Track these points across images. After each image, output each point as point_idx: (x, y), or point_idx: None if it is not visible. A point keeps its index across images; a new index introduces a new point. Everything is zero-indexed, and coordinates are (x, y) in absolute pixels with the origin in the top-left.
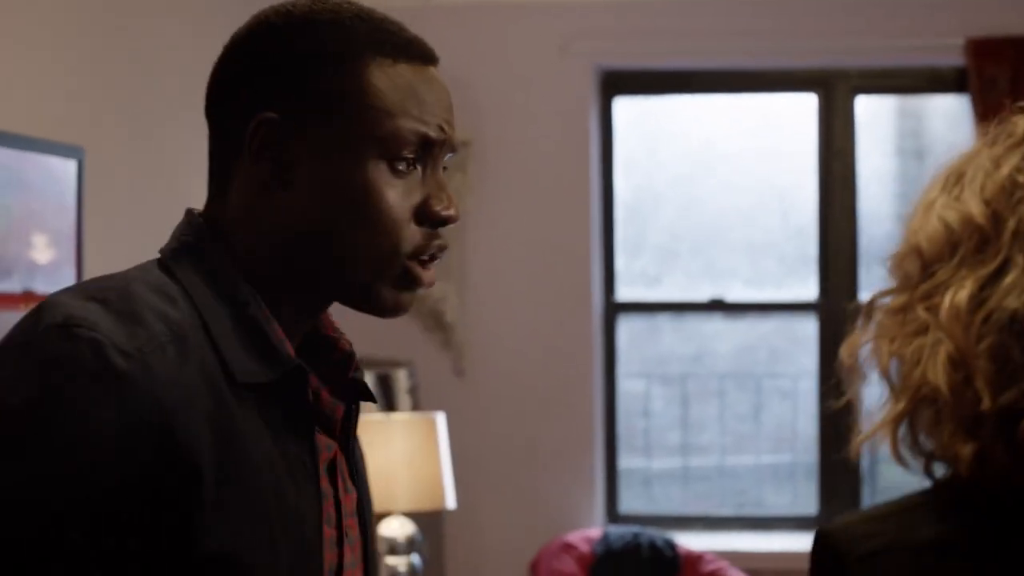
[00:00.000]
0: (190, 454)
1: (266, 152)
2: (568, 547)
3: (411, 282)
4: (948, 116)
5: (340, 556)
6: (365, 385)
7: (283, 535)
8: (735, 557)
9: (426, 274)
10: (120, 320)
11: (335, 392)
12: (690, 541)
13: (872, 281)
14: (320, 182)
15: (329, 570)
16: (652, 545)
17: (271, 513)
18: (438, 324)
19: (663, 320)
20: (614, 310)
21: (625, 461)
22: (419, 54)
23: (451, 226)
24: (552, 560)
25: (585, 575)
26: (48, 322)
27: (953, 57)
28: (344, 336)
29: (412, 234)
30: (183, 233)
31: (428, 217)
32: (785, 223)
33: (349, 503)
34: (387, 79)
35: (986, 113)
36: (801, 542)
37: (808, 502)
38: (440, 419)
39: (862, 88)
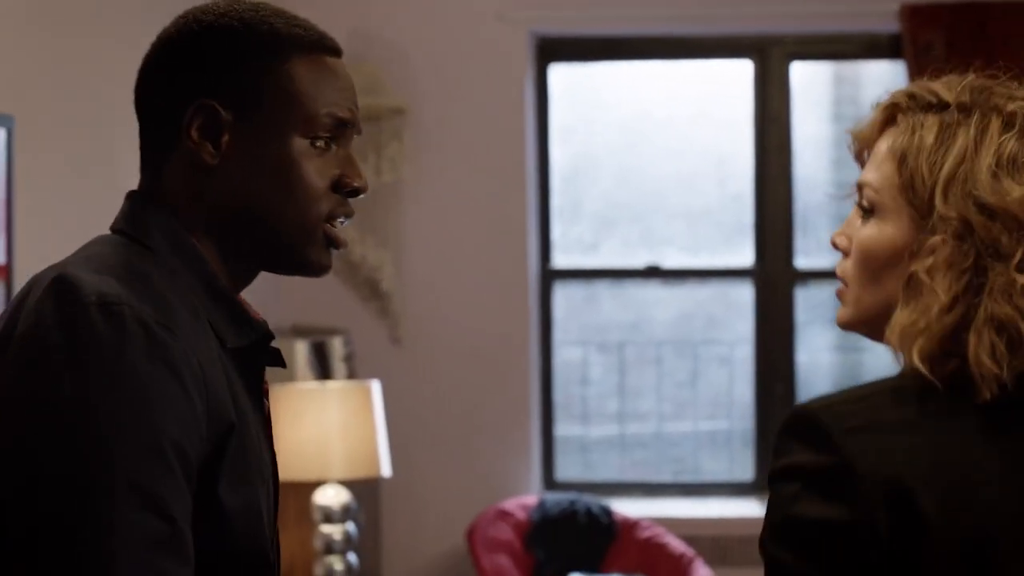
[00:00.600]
0: (226, 411)
1: (203, 135)
2: (504, 514)
3: (331, 243)
4: (883, 82)
5: (275, 502)
6: (279, 352)
7: (264, 483)
8: (672, 523)
9: (340, 236)
10: (142, 295)
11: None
12: (627, 508)
13: (808, 247)
14: (252, 159)
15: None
16: (588, 512)
17: (260, 464)
18: (374, 292)
19: (600, 288)
20: (550, 277)
21: (562, 429)
22: (330, 47)
23: (374, 196)
24: (488, 527)
25: (521, 542)
26: (82, 300)
27: (888, 23)
28: (251, 306)
29: (328, 202)
30: (147, 212)
31: (342, 188)
32: (721, 190)
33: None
34: (306, 69)
35: (921, 79)
36: (738, 508)
37: (744, 468)
38: (375, 387)
39: (798, 54)
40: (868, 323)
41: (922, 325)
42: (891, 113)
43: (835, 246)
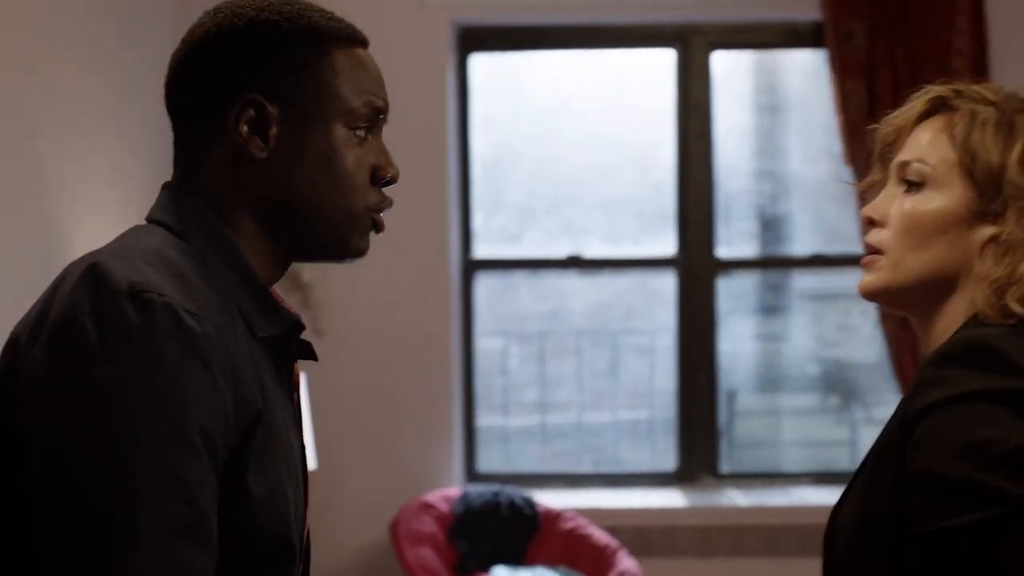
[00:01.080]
0: (253, 401)
1: (252, 129)
2: (427, 506)
3: (373, 228)
4: (805, 71)
5: (306, 490)
6: (311, 346)
7: (292, 472)
8: (595, 514)
9: (381, 220)
10: (175, 283)
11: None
12: (549, 499)
13: (730, 236)
14: (298, 151)
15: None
16: (511, 503)
17: (288, 452)
18: (295, 284)
19: (521, 278)
20: (472, 268)
21: (483, 419)
22: (361, 39)
23: None
24: (412, 520)
25: (445, 534)
26: (114, 288)
27: (810, 11)
28: (285, 300)
29: (370, 193)
30: (184, 203)
31: (379, 178)
32: (643, 179)
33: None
34: (346, 62)
35: (843, 67)
36: (660, 498)
37: (666, 458)
38: (300, 379)
39: (719, 43)
40: (903, 288)
41: (1019, 275)
42: (933, 105)
43: (870, 221)
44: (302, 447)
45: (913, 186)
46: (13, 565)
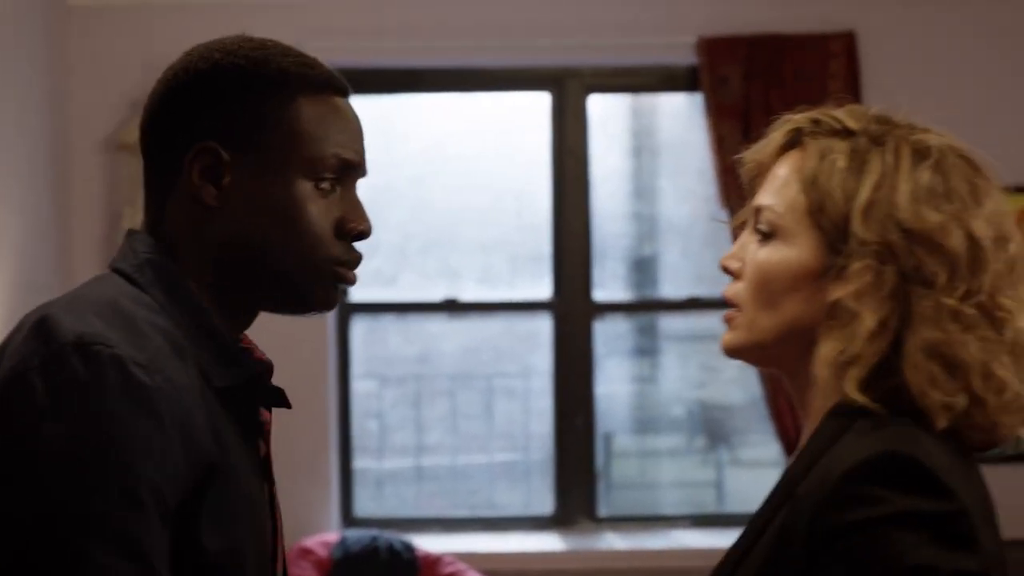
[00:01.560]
0: (206, 453)
1: (204, 176)
2: (306, 552)
3: (339, 280)
4: (680, 114)
5: (275, 544)
6: (283, 392)
7: (254, 526)
8: (473, 558)
9: (350, 274)
10: (125, 334)
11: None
12: (427, 543)
13: (604, 279)
14: (254, 200)
15: (271, 557)
16: (390, 548)
17: (248, 506)
18: None
19: (392, 320)
20: (348, 311)
21: (357, 462)
22: (338, 87)
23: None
24: (292, 566)
25: None
26: (61, 341)
27: (685, 55)
28: (257, 347)
29: (334, 247)
30: (141, 250)
31: (346, 232)
32: (519, 222)
33: (276, 499)
34: (313, 110)
35: (718, 111)
36: (538, 542)
37: (543, 501)
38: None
39: (595, 87)
40: (761, 347)
41: (852, 352)
42: (792, 137)
43: (726, 270)
44: (272, 498)
45: (766, 235)
46: None
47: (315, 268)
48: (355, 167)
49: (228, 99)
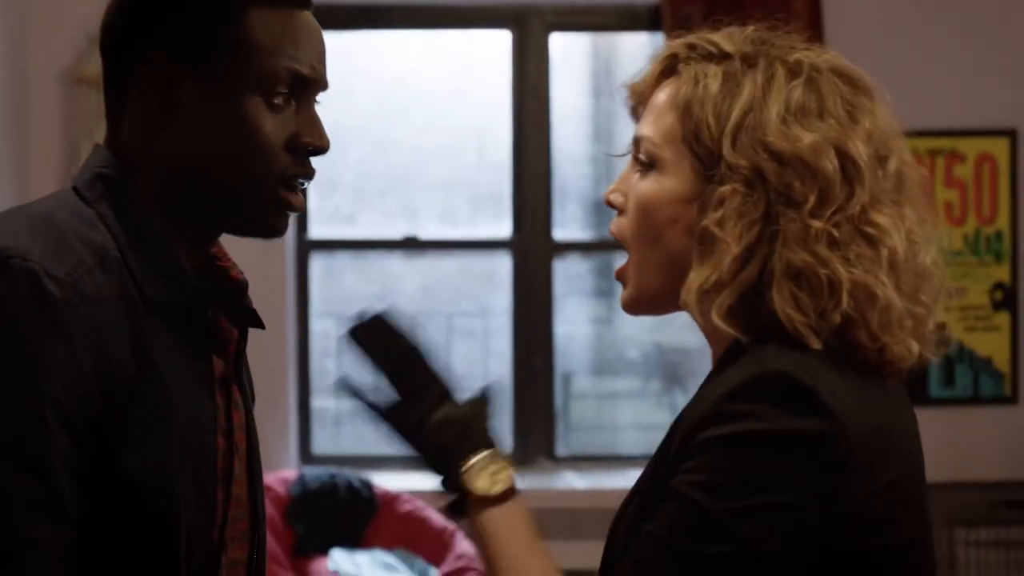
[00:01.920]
0: (123, 370)
1: (153, 88)
2: (264, 489)
3: (284, 206)
4: (642, 54)
5: (230, 465)
6: (255, 312)
7: (189, 445)
8: (431, 496)
9: (296, 198)
10: (48, 246)
11: (229, 318)
12: (386, 481)
13: (565, 219)
14: (202, 115)
15: (221, 478)
16: (349, 486)
17: (181, 425)
18: None
19: (349, 258)
20: (307, 248)
21: (316, 402)
22: (297, 1)
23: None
24: None
25: (281, 517)
26: None
27: None
28: (236, 266)
29: (283, 161)
30: (95, 164)
31: (299, 147)
32: (480, 161)
33: (238, 418)
34: (265, 23)
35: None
36: None
37: (501, 441)
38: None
39: (556, 25)
40: (657, 291)
41: (716, 279)
42: (669, 64)
43: (610, 204)
44: (229, 416)
45: (645, 166)
46: None
47: (262, 186)
48: (309, 81)
49: (178, 10)
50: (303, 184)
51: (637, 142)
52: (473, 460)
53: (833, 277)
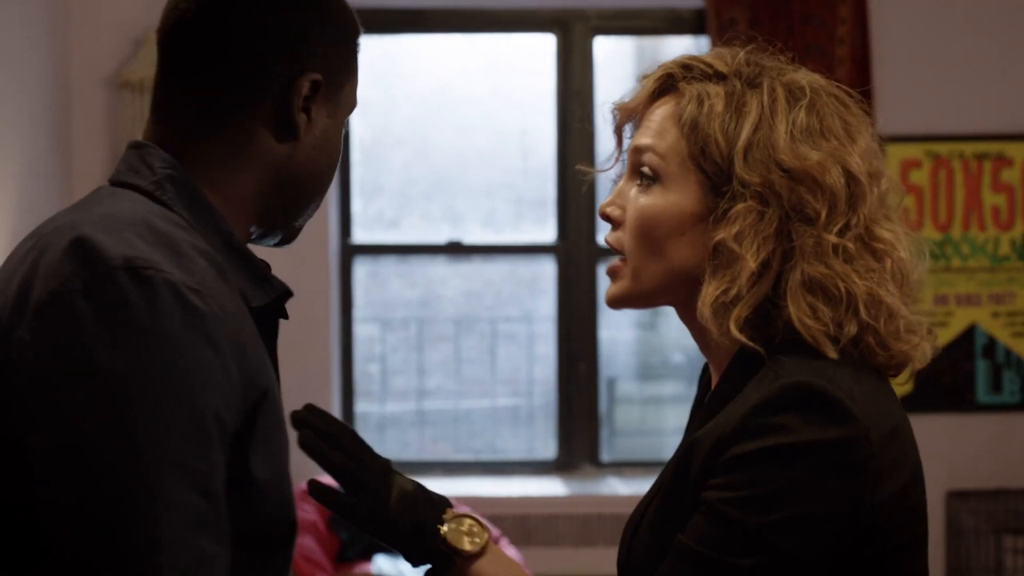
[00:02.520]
0: (261, 376)
1: (305, 107)
2: (308, 495)
3: None
4: None
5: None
6: (284, 310)
7: (288, 446)
8: (475, 502)
9: None
10: (170, 256)
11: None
12: (429, 486)
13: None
14: (321, 138)
15: None
16: None
17: (286, 431)
18: None
19: (393, 263)
20: (351, 253)
21: (359, 406)
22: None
23: None
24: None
25: (325, 523)
26: (108, 264)
27: None
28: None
29: None
30: (159, 166)
31: None
32: (523, 165)
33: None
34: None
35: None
36: (540, 487)
37: (546, 446)
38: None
39: (601, 29)
40: (647, 295)
41: (734, 293)
42: (664, 83)
43: (607, 218)
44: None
45: (647, 179)
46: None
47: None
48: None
49: (328, 33)
50: None
51: (637, 151)
52: (448, 522)
53: (850, 289)
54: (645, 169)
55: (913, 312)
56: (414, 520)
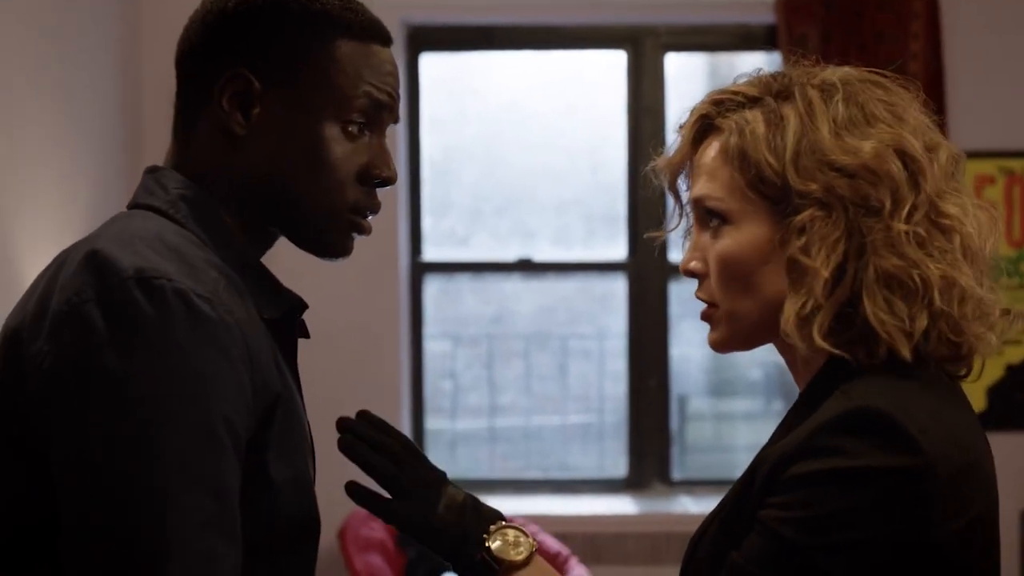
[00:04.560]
0: (272, 382)
1: (234, 104)
2: None
3: (353, 228)
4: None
5: (314, 469)
6: (303, 322)
7: (310, 453)
8: (545, 520)
9: (365, 223)
10: (181, 267)
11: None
12: (499, 505)
13: (681, 241)
14: (280, 136)
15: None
16: None
17: (305, 431)
18: None
19: (466, 280)
20: (421, 270)
21: (430, 423)
22: (378, 35)
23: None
24: (360, 527)
25: (393, 541)
26: (120, 275)
27: (763, 14)
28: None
29: (354, 192)
30: (173, 187)
31: (369, 178)
32: (594, 181)
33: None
34: (349, 52)
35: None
36: (610, 505)
37: (616, 464)
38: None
39: (672, 45)
40: (748, 333)
41: (812, 304)
42: (700, 126)
43: (692, 273)
44: (308, 426)
45: (716, 222)
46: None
47: (331, 212)
48: (385, 108)
49: (266, 30)
50: (369, 215)
51: (699, 203)
52: (494, 534)
53: (924, 276)
54: (710, 218)
55: (988, 291)
56: (459, 530)
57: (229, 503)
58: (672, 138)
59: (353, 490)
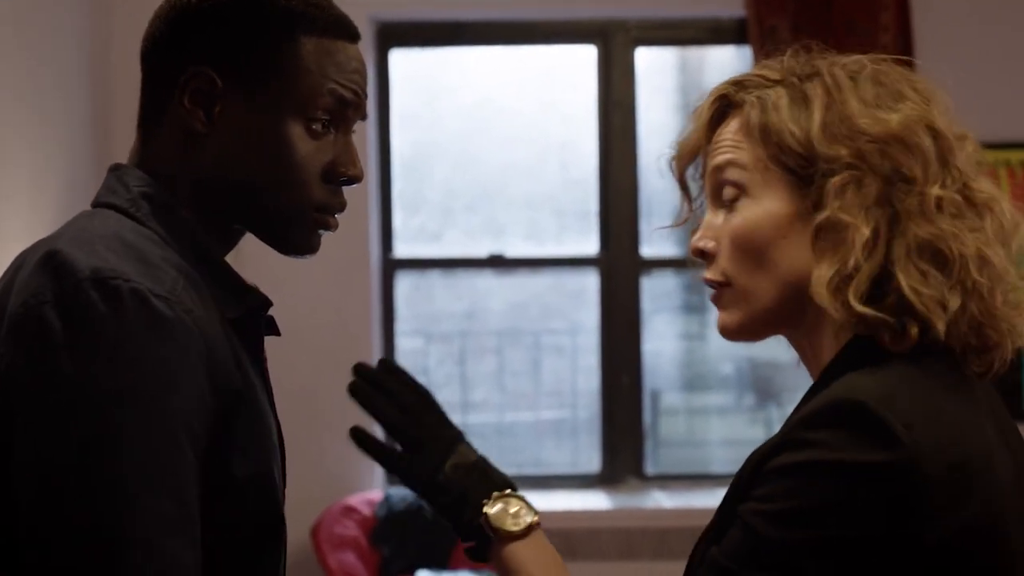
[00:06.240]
0: (232, 381)
1: (196, 101)
2: (349, 510)
3: (320, 226)
4: (729, 68)
5: (284, 468)
6: (273, 321)
7: (275, 451)
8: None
9: (331, 221)
10: (139, 267)
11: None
12: None
13: (652, 234)
14: (242, 134)
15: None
16: None
17: (269, 433)
18: None
19: (437, 277)
20: (392, 267)
21: None
22: (345, 32)
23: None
24: (334, 524)
25: (367, 538)
26: (77, 276)
27: (733, 7)
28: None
29: (319, 190)
30: (135, 184)
31: (334, 176)
32: (566, 177)
33: (276, 423)
34: (314, 49)
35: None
36: (584, 500)
37: (590, 459)
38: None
39: (642, 40)
40: (764, 315)
41: (852, 264)
42: (721, 105)
43: (701, 253)
44: (278, 425)
45: (732, 194)
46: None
47: (296, 211)
48: (351, 105)
49: (229, 27)
50: (335, 214)
51: (718, 171)
52: (496, 500)
53: (962, 250)
54: (728, 189)
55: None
56: (461, 490)
57: (188, 503)
58: (684, 129)
59: (358, 436)
